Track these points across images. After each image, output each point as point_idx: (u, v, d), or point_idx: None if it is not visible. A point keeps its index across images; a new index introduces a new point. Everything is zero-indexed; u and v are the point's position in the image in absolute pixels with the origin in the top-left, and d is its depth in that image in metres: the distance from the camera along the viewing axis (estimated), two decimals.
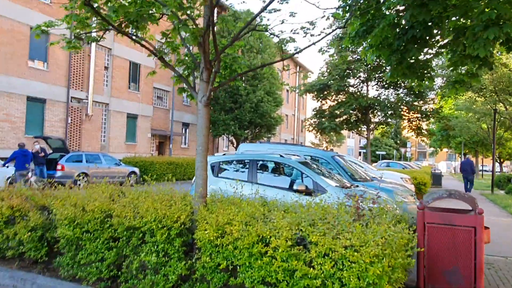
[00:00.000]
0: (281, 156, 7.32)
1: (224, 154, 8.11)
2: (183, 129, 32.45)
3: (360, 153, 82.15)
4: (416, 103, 20.06)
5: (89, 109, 22.30)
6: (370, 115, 20.89)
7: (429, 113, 19.40)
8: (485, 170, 47.45)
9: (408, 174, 17.11)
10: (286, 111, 46.13)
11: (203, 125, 5.20)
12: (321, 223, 3.50)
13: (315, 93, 20.46)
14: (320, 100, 21.26)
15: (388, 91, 20.77)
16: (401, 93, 20.22)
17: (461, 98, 27.17)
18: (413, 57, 6.69)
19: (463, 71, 7.51)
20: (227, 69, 5.82)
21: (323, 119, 20.42)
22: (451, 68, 7.35)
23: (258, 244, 3.42)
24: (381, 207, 4.83)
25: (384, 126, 21.51)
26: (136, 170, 19.33)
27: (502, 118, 25.62)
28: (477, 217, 3.98)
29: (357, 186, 7.61)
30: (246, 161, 7.47)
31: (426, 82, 7.36)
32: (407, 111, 20.04)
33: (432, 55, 7.80)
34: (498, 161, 47.57)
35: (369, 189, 7.89)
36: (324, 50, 17.92)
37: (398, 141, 79.55)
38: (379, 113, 20.19)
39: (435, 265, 4.09)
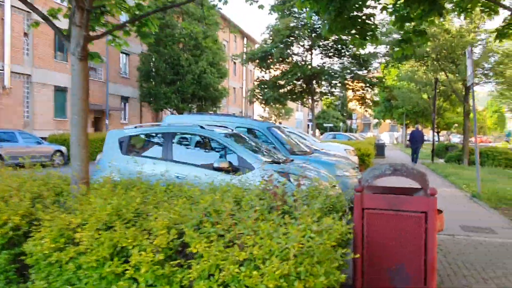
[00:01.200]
0: (201, 127, 6.07)
1: (136, 127, 6.71)
2: (122, 104, 30.04)
3: (308, 125, 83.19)
4: (360, 72, 19.55)
5: (7, 81, 19.50)
6: (315, 85, 20.13)
7: (373, 83, 18.96)
8: (425, 140, 49.53)
9: (352, 145, 16.63)
10: (234, 83, 44.60)
11: (79, 85, 3.86)
12: (216, 219, 2.35)
13: (258, 61, 19.22)
14: (264, 69, 20.08)
15: (333, 60, 20.05)
16: (346, 61, 19.58)
17: (404, 68, 27.27)
18: (354, 6, 5.64)
19: (410, 29, 6.64)
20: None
21: (266, 89, 19.34)
22: (398, 25, 6.43)
23: (112, 261, 2.20)
24: (311, 189, 3.81)
25: (329, 96, 20.86)
26: (63, 148, 17.23)
27: (442, 88, 26.04)
28: (429, 199, 3.03)
29: (293, 160, 6.60)
30: (160, 134, 6.15)
31: (372, 45, 6.39)
32: (351, 80, 19.50)
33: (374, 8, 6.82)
34: (437, 131, 49.81)
35: (306, 163, 6.93)
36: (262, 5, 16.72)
37: (345, 114, 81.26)
38: (323, 83, 19.45)
39: (376, 262, 3.14)
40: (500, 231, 5.97)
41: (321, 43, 19.86)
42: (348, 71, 18.78)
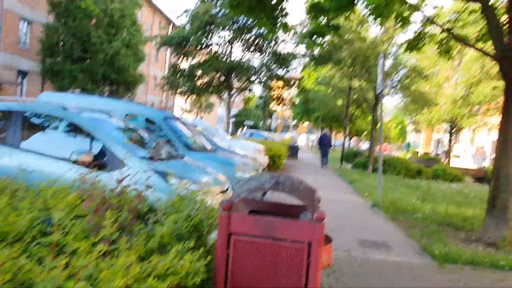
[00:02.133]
0: (64, 109, 4.80)
1: None
2: (19, 78, 26.24)
3: (230, 122, 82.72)
4: (280, 72, 19.32)
5: None
6: (234, 80, 19.41)
7: (291, 83, 18.82)
8: (332, 145, 51.98)
9: (264, 145, 16.18)
10: (155, 71, 41.95)
11: None
12: None
13: (174, 47, 17.83)
14: (181, 57, 18.73)
15: (253, 55, 19.52)
16: (266, 58, 19.16)
17: (322, 73, 27.86)
18: None
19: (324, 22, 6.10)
20: None
21: (181, 79, 18.06)
22: (312, 15, 5.83)
23: None
24: (178, 198, 2.92)
25: (248, 92, 20.26)
26: None
27: (355, 95, 27.10)
28: (315, 226, 2.30)
29: (183, 157, 5.63)
30: (5, 113, 4.73)
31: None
32: (270, 78, 19.15)
33: None
34: (349, 137, 52.61)
35: (200, 161, 6.03)
36: None
37: (266, 113, 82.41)
38: (243, 78, 18.78)
39: None
40: (396, 247, 5.68)
41: (242, 36, 19.16)
42: (266, 68, 18.37)
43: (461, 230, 7.08)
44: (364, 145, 58.76)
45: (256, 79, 18.35)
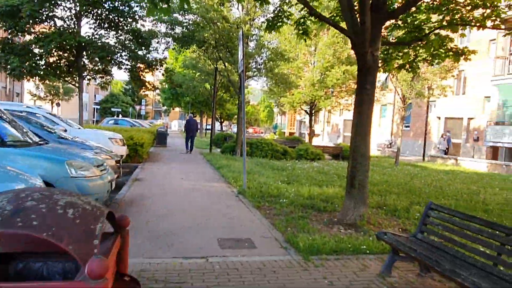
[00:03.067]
0: None
1: None
2: None
3: (95, 109, 75.34)
4: (141, 53, 17.45)
5: None
6: (85, 60, 16.80)
7: (153, 64, 17.13)
8: (208, 129, 51.72)
9: (124, 133, 14.44)
10: None
11: None
12: None
13: (1, 18, 14.26)
14: (13, 31, 15.19)
15: (108, 33, 17.14)
16: (124, 37, 17.05)
17: (187, 55, 26.69)
18: None
19: None
20: None
21: (12, 56, 14.65)
22: None
23: None
24: None
25: (105, 76, 17.77)
26: None
27: (222, 80, 26.70)
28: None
29: None
30: None
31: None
32: (129, 59, 17.13)
33: None
34: (219, 121, 52.82)
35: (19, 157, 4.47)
36: None
37: (136, 99, 77.44)
38: (96, 58, 16.31)
39: None
40: (260, 242, 5.09)
41: (93, 11, 16.63)
42: (123, 47, 16.30)
43: (324, 212, 6.97)
44: (235, 129, 60.05)
45: (112, 60, 16.11)
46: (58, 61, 17.20)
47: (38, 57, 16.26)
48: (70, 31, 15.89)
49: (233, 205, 7.40)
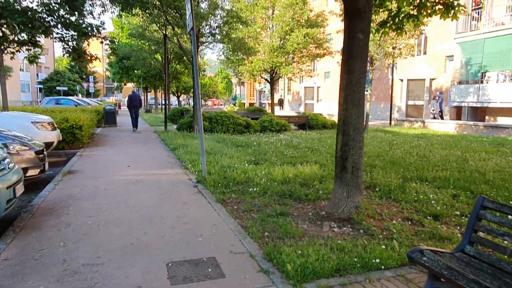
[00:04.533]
0: None
1: None
2: None
3: (40, 89, 69.37)
4: (73, 18, 14.78)
5: None
6: (5, 30, 13.98)
7: (86, 31, 14.55)
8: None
9: (58, 115, 12.24)
10: None
11: None
12: None
13: None
14: None
15: None
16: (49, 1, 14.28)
17: (134, 22, 23.99)
18: None
19: None
20: None
21: None
22: None
23: None
24: None
25: (30, 46, 14.96)
26: None
27: (174, 49, 24.33)
28: None
29: None
30: None
31: None
32: (56, 25, 14.40)
33: None
34: (176, 95, 49.96)
35: None
36: None
37: (84, 76, 72.03)
38: (16, 25, 13.52)
39: None
40: (228, 264, 3.55)
41: None
42: (48, 11, 13.62)
43: (306, 203, 5.54)
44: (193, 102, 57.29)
45: (35, 27, 13.38)
46: None
47: None
48: None
49: (190, 200, 5.78)
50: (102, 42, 15.44)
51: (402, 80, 26.13)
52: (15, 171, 4.90)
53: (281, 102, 38.86)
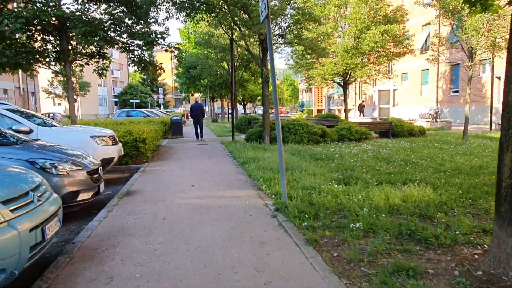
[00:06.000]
0: None
1: None
2: None
3: (115, 102, 73.83)
4: (138, 28, 14.40)
5: None
6: (73, 43, 13.95)
7: (154, 40, 13.99)
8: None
9: (122, 127, 11.64)
10: None
11: None
12: None
13: None
14: None
15: (98, 6, 14.12)
16: (115, 9, 14.01)
17: (201, 30, 23.52)
18: None
19: None
20: None
21: None
22: None
23: None
24: None
25: (99, 59, 14.85)
26: None
27: (240, 54, 23.45)
28: None
29: None
30: None
31: None
32: (121, 34, 14.04)
33: None
34: (242, 103, 49.59)
35: None
36: None
37: (155, 88, 75.36)
38: (84, 37, 13.31)
39: None
40: None
41: None
42: (115, 22, 13.21)
43: (439, 249, 3.77)
44: (260, 111, 56.44)
45: (99, 36, 13.01)
46: (43, 46, 14.35)
47: (20, 44, 13.47)
48: (48, 6, 12.96)
49: (270, 240, 4.29)
50: (166, 51, 14.78)
51: (499, 78, 22.56)
52: (50, 202, 3.80)
53: (361, 108, 36.36)
